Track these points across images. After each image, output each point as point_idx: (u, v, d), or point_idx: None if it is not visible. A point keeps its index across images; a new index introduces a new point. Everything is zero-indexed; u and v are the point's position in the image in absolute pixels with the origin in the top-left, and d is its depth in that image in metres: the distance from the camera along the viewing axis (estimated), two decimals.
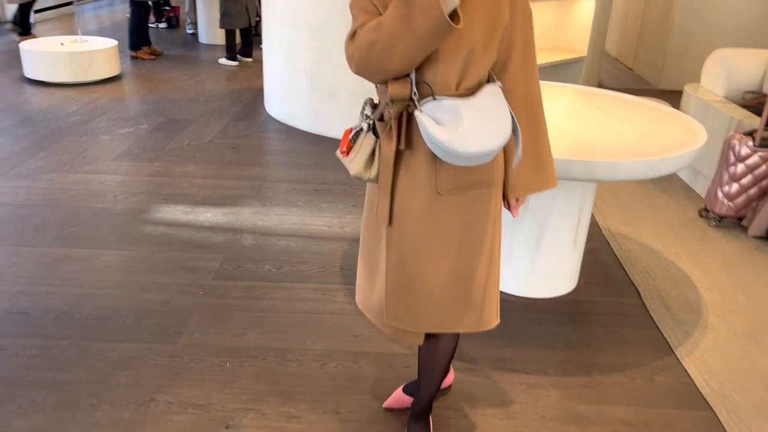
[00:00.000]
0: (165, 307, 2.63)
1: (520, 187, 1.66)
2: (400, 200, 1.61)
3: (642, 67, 7.21)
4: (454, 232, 1.61)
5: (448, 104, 1.44)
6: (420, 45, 1.36)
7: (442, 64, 1.45)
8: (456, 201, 1.58)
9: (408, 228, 1.62)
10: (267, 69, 5.23)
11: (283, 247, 3.16)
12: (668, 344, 2.54)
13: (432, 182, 1.56)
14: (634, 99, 2.99)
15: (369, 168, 1.60)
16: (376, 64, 1.42)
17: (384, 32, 1.37)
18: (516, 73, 1.55)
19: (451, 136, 1.41)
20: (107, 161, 4.11)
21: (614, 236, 3.39)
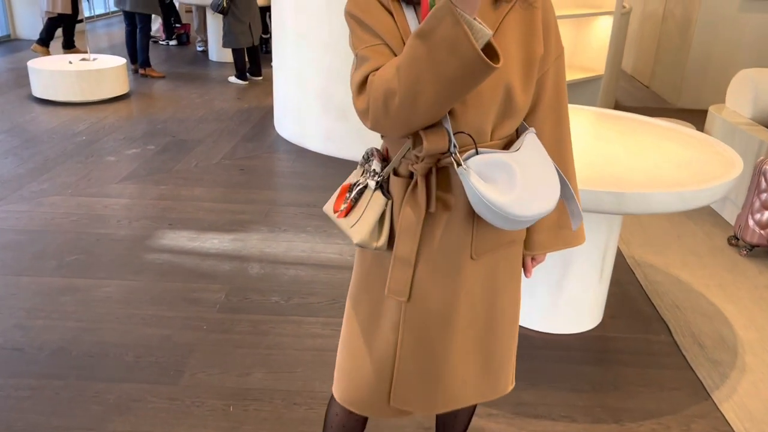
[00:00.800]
0: (166, 343, 2.49)
1: (538, 245, 1.43)
2: (424, 271, 1.33)
3: (660, 85, 7.06)
4: (483, 298, 1.39)
5: (497, 160, 1.19)
6: (452, 90, 1.09)
7: (476, 109, 1.20)
8: (486, 264, 1.36)
9: (434, 302, 1.35)
10: (277, 88, 5.13)
11: (291, 276, 3.02)
12: (704, 387, 2.36)
13: (467, 247, 1.32)
14: (662, 123, 2.84)
15: (378, 235, 1.32)
16: (398, 118, 1.14)
17: (404, 78, 1.09)
18: (546, 116, 1.34)
19: (506, 198, 1.17)
20: (112, 184, 3.99)
21: (639, 265, 3.22)
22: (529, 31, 1.22)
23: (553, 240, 1.43)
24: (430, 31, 1.05)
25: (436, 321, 1.36)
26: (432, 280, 1.34)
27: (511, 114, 1.24)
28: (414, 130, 1.19)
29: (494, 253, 1.36)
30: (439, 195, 1.28)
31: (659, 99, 6.89)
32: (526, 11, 1.23)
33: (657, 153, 2.48)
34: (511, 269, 1.41)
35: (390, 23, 1.18)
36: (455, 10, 1.01)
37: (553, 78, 1.31)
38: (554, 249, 1.45)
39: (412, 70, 1.08)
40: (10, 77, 6.57)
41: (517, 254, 1.42)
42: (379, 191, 1.32)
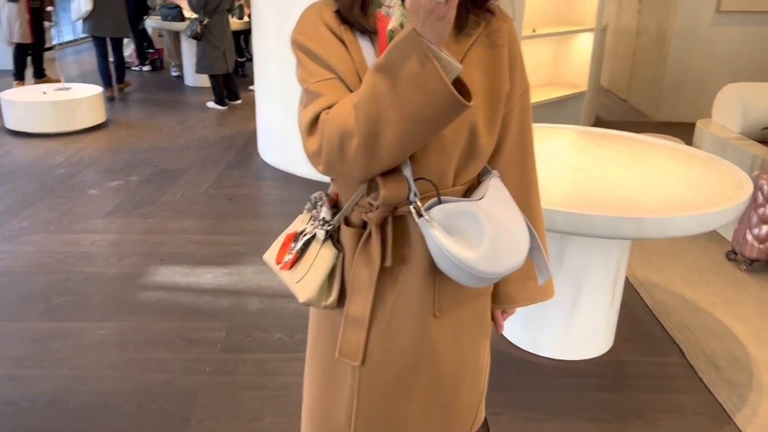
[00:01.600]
0: (169, 388, 2.37)
1: (505, 298, 1.30)
2: (380, 331, 1.17)
3: (637, 99, 7.14)
4: (449, 358, 1.23)
5: (462, 209, 1.06)
6: (419, 131, 0.96)
7: (439, 152, 1.07)
8: (451, 321, 1.21)
9: (392, 366, 1.19)
10: (260, 113, 5.04)
11: (292, 310, 2.92)
12: (725, 411, 2.32)
13: (428, 304, 1.17)
14: (665, 143, 2.83)
15: (327, 292, 1.17)
16: (356, 162, 1.00)
17: (363, 117, 0.95)
18: (511, 158, 1.21)
19: (474, 254, 1.03)
20: (97, 219, 3.85)
21: (643, 285, 3.20)
22: (494, 66, 1.11)
23: (521, 293, 1.30)
24: (395, 65, 0.93)
25: (395, 387, 1.21)
26: (389, 342, 1.18)
27: (475, 156, 1.12)
28: (373, 175, 1.05)
29: (459, 310, 1.21)
30: (396, 248, 1.13)
31: (638, 113, 6.97)
32: (491, 44, 1.12)
33: (666, 174, 2.46)
34: (479, 324, 1.28)
35: (343, 54, 1.06)
36: (422, 42, 0.90)
37: (519, 116, 1.19)
38: (522, 304, 1.31)
39: (373, 108, 0.95)
40: None
41: (485, 306, 1.28)
42: (329, 242, 1.17)
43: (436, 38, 0.91)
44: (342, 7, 1.07)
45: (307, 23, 1.10)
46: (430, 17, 0.89)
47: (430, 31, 0.90)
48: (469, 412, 1.32)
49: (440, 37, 0.91)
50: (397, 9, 1.05)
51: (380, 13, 1.06)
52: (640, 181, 2.37)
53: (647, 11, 6.92)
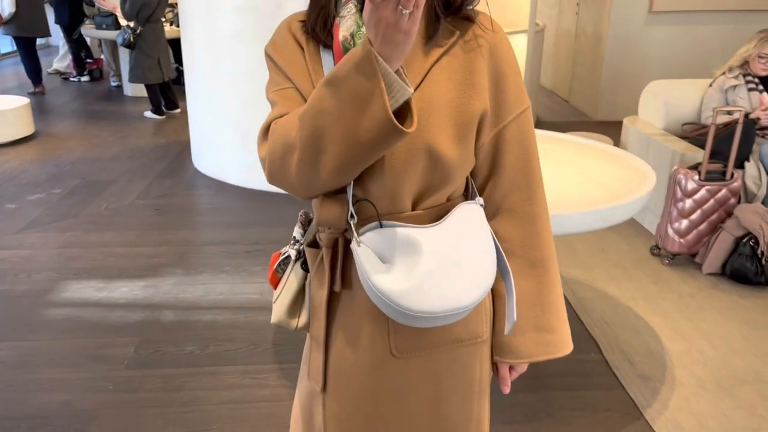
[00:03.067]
0: (66, 409, 2.26)
1: (507, 350, 1.12)
2: (338, 358, 1.11)
3: (578, 99, 7.23)
4: (423, 408, 1.10)
5: (401, 234, 0.96)
6: (358, 152, 0.91)
7: (390, 175, 0.98)
8: (424, 365, 1.08)
9: (350, 399, 1.12)
10: (192, 121, 4.93)
11: (208, 322, 2.83)
12: (636, 406, 2.32)
13: (384, 341, 1.06)
14: (580, 140, 2.83)
15: (296, 313, 1.15)
16: (297, 177, 0.96)
17: (306, 132, 0.92)
18: (511, 186, 1.07)
19: (399, 286, 0.93)
20: (11, 234, 3.70)
21: (566, 282, 3.20)
22: (467, 80, 1.00)
23: (531, 346, 1.11)
24: (342, 80, 0.88)
25: (357, 422, 1.12)
26: (348, 373, 1.10)
27: (438, 181, 1.01)
28: (316, 193, 1.00)
29: (432, 353, 1.07)
30: (348, 273, 1.07)
31: (578, 113, 7.05)
32: (467, 55, 1.01)
33: (576, 171, 2.45)
34: (463, 375, 1.10)
35: (301, 64, 1.03)
36: (373, 59, 0.84)
37: (518, 137, 1.05)
38: (533, 359, 1.12)
39: (316, 124, 0.90)
40: None
41: (470, 357, 1.10)
42: (299, 263, 1.16)
43: (396, 54, 0.85)
44: (307, 20, 1.05)
45: (278, 34, 1.09)
46: (391, 30, 0.82)
47: (389, 46, 0.84)
48: None
49: (401, 52, 0.85)
50: (350, 18, 0.99)
51: (337, 21, 1.01)
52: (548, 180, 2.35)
53: (584, 13, 7.02)
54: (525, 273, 1.09)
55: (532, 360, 1.12)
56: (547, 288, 1.10)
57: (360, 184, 1.00)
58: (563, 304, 1.14)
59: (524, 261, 1.09)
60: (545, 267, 1.10)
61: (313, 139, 0.91)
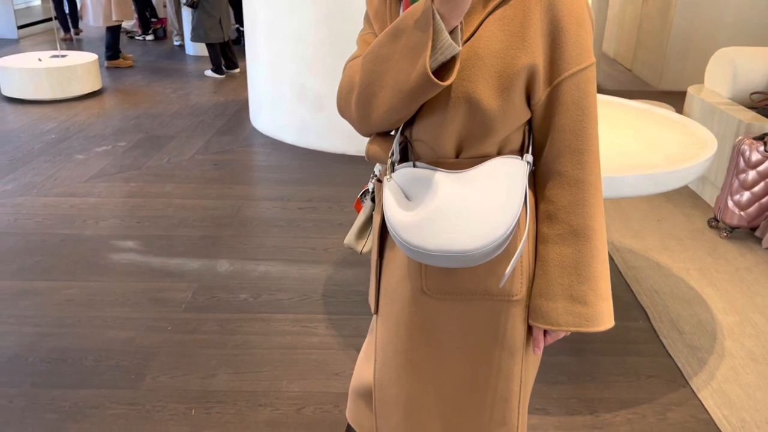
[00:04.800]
0: (129, 346, 2.41)
1: (539, 313, 1.10)
2: (385, 285, 1.19)
3: (641, 68, 6.99)
4: (451, 352, 1.15)
5: (426, 175, 1.02)
6: (400, 99, 0.98)
7: (433, 120, 1.03)
8: (454, 310, 1.12)
9: (390, 328, 1.19)
10: (251, 81, 5.02)
11: (261, 273, 2.93)
12: (682, 374, 2.30)
13: (417, 277, 1.12)
14: (638, 105, 2.77)
15: (363, 239, 1.29)
16: (356, 113, 1.07)
17: (364, 74, 1.01)
18: (562, 147, 1.05)
19: (405, 219, 1.00)
20: (80, 183, 3.89)
21: (618, 251, 3.16)
22: (518, 34, 0.99)
23: (562, 315, 1.07)
24: (401, 32, 0.96)
25: (399, 351, 1.18)
26: (392, 300, 1.17)
27: (478, 131, 1.03)
28: (371, 131, 1.09)
29: (462, 301, 1.11)
30: None
31: (641, 82, 6.83)
32: (523, 5, 1.00)
33: (631, 135, 2.41)
34: (495, 331, 1.12)
35: (384, 12, 1.11)
36: (430, 15, 0.91)
37: (572, 97, 1.02)
38: (560, 326, 1.08)
39: (373, 68, 0.99)
40: None
41: (506, 315, 1.12)
42: (369, 195, 1.29)
43: (455, 12, 0.90)
44: None
45: None
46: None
47: (448, 4, 0.90)
48: None
49: (459, 11, 0.90)
50: None
51: None
52: (603, 143, 2.32)
53: None
54: (564, 239, 1.07)
55: (561, 329, 1.09)
56: (587, 258, 1.06)
57: (409, 128, 1.08)
58: (605, 278, 1.09)
59: (565, 227, 1.06)
60: (587, 236, 1.06)
61: (368, 82, 1.01)
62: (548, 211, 1.08)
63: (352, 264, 3.02)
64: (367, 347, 1.32)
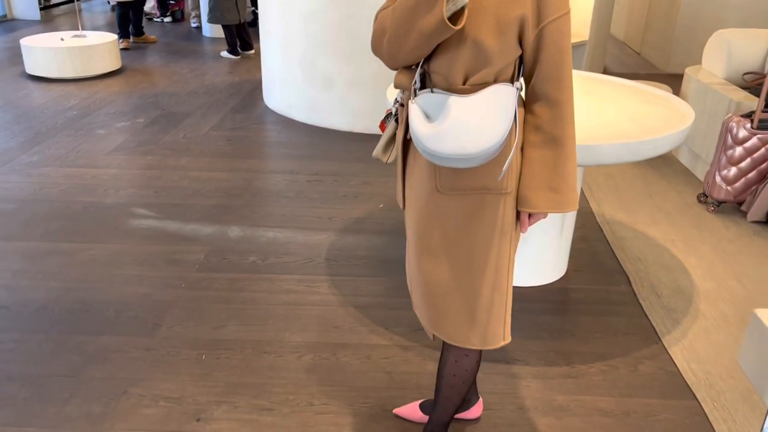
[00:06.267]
0: (146, 299, 2.62)
1: (525, 201, 1.48)
2: (409, 188, 1.60)
3: (649, 51, 7.06)
4: (456, 235, 1.52)
5: (441, 98, 1.38)
6: (422, 40, 1.34)
7: (446, 57, 1.38)
8: (459, 203, 1.49)
9: (414, 218, 1.58)
10: (264, 60, 5.20)
11: (270, 238, 3.14)
12: (656, 333, 2.47)
13: (433, 179, 1.50)
14: (625, 82, 2.91)
15: (387, 152, 1.61)
16: (386, 52, 1.42)
17: (394, 22, 1.36)
18: (547, 76, 1.39)
19: (425, 130, 1.36)
20: (101, 155, 4.11)
21: (608, 223, 3.32)
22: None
23: (542, 201, 1.46)
24: None
25: (416, 236, 1.59)
26: (413, 197, 1.57)
27: (482, 64, 1.36)
28: (400, 65, 1.45)
29: (466, 195, 1.47)
30: None
31: (649, 65, 6.90)
32: None
33: (615, 110, 2.56)
34: (491, 218, 1.48)
35: None
36: None
37: (552, 38, 1.35)
38: (543, 210, 1.47)
39: (401, 20, 1.34)
40: (5, 56, 6.67)
41: (498, 204, 1.47)
42: (393, 117, 1.60)
43: None
44: None
45: None
46: None
47: None
48: (494, 311, 1.57)
49: None
50: None
51: None
52: (588, 116, 2.48)
53: None
54: (546, 144, 1.43)
55: (542, 211, 1.47)
56: (562, 159, 1.43)
57: (427, 62, 1.43)
58: (574, 174, 1.46)
59: (547, 135, 1.43)
60: (562, 142, 1.43)
61: (397, 28, 1.36)
62: (534, 123, 1.44)
63: (355, 231, 3.21)
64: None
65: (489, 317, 1.58)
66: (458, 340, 1.62)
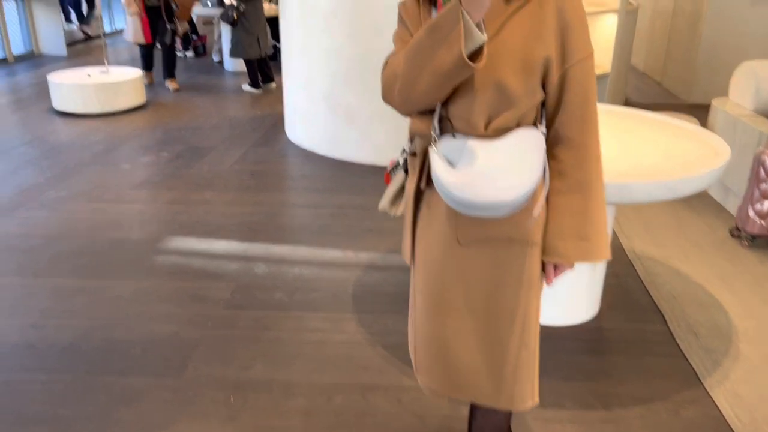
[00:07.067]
0: (173, 338, 2.60)
1: (552, 251, 1.40)
2: (421, 241, 1.49)
3: (671, 81, 7.03)
4: (480, 290, 1.43)
5: (465, 144, 1.30)
6: (438, 81, 1.25)
7: (466, 100, 1.31)
8: (482, 255, 1.41)
9: (429, 274, 1.48)
10: (287, 95, 5.24)
11: (295, 274, 3.11)
12: (696, 375, 2.39)
13: (452, 230, 1.41)
14: (654, 116, 2.87)
15: (396, 204, 1.54)
16: (399, 97, 1.34)
17: (406, 66, 1.28)
18: (571, 119, 1.34)
19: (454, 178, 1.27)
20: (127, 190, 4.13)
21: (639, 258, 3.25)
22: (535, 30, 1.27)
23: (571, 250, 1.38)
24: (436, 26, 1.21)
25: (433, 294, 1.47)
26: (427, 251, 1.47)
27: (506, 107, 1.29)
28: (413, 111, 1.37)
29: (489, 246, 1.38)
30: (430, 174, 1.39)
31: (670, 95, 6.87)
32: (537, 11, 1.27)
33: (649, 146, 2.52)
34: (518, 270, 1.40)
35: (417, 17, 1.36)
36: (459, 12, 1.16)
37: (578, 79, 1.31)
38: (572, 260, 1.39)
39: (415, 60, 1.26)
40: (33, 92, 6.80)
41: (525, 255, 1.39)
42: (401, 167, 1.52)
43: (476, 11, 1.16)
44: None
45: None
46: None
47: (471, 5, 1.16)
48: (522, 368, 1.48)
49: (480, 11, 1.16)
50: None
51: None
52: (621, 153, 2.44)
53: None
54: (572, 190, 1.36)
55: (571, 261, 1.39)
56: (590, 204, 1.35)
57: (445, 107, 1.35)
58: (604, 220, 1.39)
59: (572, 180, 1.36)
60: (590, 187, 1.36)
61: (411, 69, 1.27)
62: (558, 168, 1.37)
63: (381, 267, 3.17)
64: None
65: (516, 377, 1.48)
66: (484, 401, 1.53)
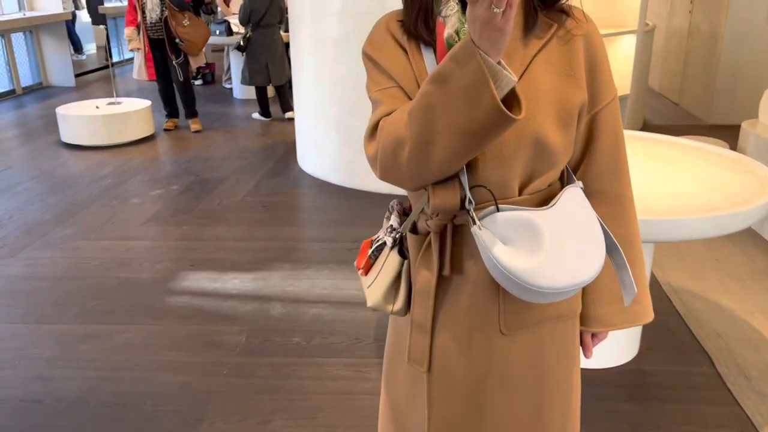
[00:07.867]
0: (186, 390, 2.43)
1: (596, 320, 1.21)
2: (444, 340, 1.16)
3: (689, 102, 6.89)
4: (524, 384, 1.17)
5: (519, 218, 1.01)
6: (468, 142, 0.95)
7: (498, 162, 1.03)
8: (525, 342, 1.15)
9: (459, 378, 1.16)
10: (299, 124, 5.13)
11: (313, 315, 2.95)
12: (752, 423, 2.20)
13: (494, 320, 1.12)
14: (691, 143, 2.72)
15: (392, 298, 1.19)
16: (408, 169, 1.01)
17: (415, 126, 0.96)
18: (602, 169, 1.14)
19: (527, 265, 0.98)
20: (136, 226, 4.00)
21: (677, 292, 3.07)
22: (567, 71, 1.05)
23: (616, 316, 1.20)
24: (448, 76, 0.92)
25: (464, 400, 1.18)
26: (455, 353, 1.15)
27: (544, 167, 1.06)
28: (426, 183, 1.05)
29: (535, 330, 1.15)
30: (457, 258, 1.11)
31: (689, 116, 6.72)
32: (565, 46, 1.05)
33: (687, 175, 2.36)
34: (561, 348, 1.19)
35: (405, 63, 1.07)
36: (477, 54, 0.88)
37: (608, 123, 1.11)
38: (618, 327, 1.21)
39: (425, 118, 0.95)
40: (41, 124, 6.72)
41: (567, 331, 1.19)
42: (395, 250, 1.19)
43: (494, 49, 0.89)
44: (406, 20, 1.07)
45: (375, 34, 1.12)
46: (487, 28, 0.86)
47: (487, 42, 0.88)
48: None
49: (498, 48, 0.89)
50: (453, 16, 1.03)
51: (440, 20, 1.04)
52: (659, 183, 2.29)
53: (699, 11, 6.68)
54: (610, 249, 1.13)
55: (617, 328, 1.22)
56: (631, 263, 1.14)
57: (471, 172, 1.04)
58: (645, 277, 1.21)
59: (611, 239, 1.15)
60: (630, 243, 1.17)
61: (423, 132, 0.95)
62: None
63: None
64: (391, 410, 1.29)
65: None
66: None
